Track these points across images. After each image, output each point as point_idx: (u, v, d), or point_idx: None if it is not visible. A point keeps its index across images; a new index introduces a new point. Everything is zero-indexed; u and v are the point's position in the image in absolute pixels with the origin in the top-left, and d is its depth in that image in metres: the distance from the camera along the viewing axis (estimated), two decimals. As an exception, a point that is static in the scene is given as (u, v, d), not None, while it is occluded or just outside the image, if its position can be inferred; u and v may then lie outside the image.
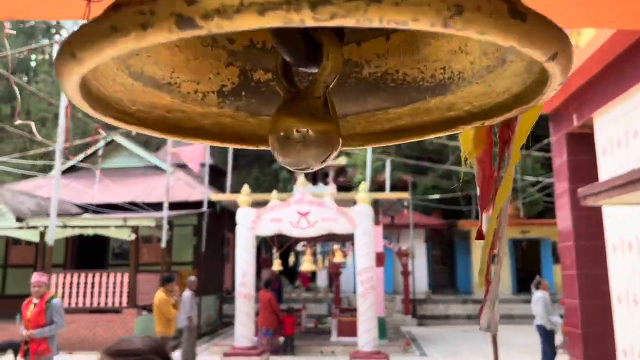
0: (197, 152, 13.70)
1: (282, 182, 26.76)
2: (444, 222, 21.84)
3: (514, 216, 21.50)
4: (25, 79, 36.54)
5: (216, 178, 22.52)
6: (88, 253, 17.71)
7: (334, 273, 17.52)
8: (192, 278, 10.16)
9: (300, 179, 11.26)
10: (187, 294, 9.68)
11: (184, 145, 14.59)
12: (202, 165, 17.93)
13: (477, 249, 20.94)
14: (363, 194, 10.88)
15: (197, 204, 16.77)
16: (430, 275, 21.92)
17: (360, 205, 10.77)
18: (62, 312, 6.00)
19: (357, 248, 10.62)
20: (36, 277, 5.99)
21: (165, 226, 13.02)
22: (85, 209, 16.81)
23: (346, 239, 13.16)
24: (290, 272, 22.43)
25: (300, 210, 10.88)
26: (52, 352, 5.84)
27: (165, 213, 13.05)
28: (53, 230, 8.48)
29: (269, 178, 29.50)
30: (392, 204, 13.30)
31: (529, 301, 18.73)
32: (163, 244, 13.07)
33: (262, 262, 16.80)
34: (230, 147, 1.44)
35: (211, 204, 15.43)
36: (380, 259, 12.19)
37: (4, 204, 12.90)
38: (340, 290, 17.88)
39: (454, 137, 18.00)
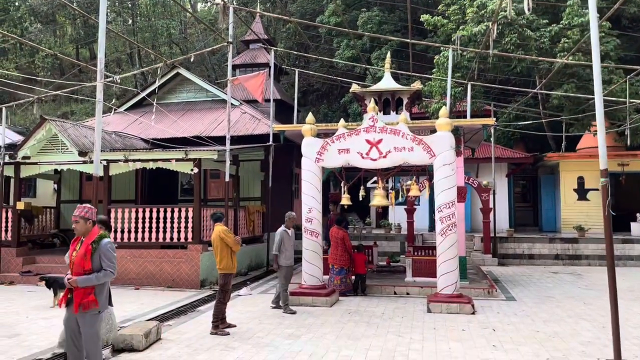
0: (261, 82, 12.68)
1: (351, 117, 25.51)
2: (528, 155, 19.87)
3: (613, 146, 19.20)
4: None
5: (284, 113, 21.63)
6: (158, 189, 17.61)
7: (408, 209, 16.43)
8: (292, 214, 9.65)
9: (371, 105, 10.00)
10: (280, 229, 9.37)
11: (248, 76, 13.61)
12: (268, 100, 17.00)
13: (565, 183, 18.99)
14: (444, 119, 9.50)
15: (263, 138, 16.01)
16: (512, 213, 20.28)
17: (441, 132, 9.43)
18: (113, 255, 4.92)
19: (437, 181, 9.39)
20: (77, 210, 4.97)
21: (228, 159, 12.31)
22: (152, 143, 16.51)
23: (422, 173, 11.93)
24: (361, 208, 21.57)
25: (371, 139, 9.72)
26: (99, 305, 4.82)
27: (227, 145, 12.31)
28: (98, 159, 7.88)
29: (337, 114, 28.32)
30: (474, 134, 11.79)
31: (627, 241, 16.91)
32: (227, 178, 12.42)
33: (330, 197, 15.92)
34: None
35: (277, 138, 14.50)
36: (462, 194, 10.91)
37: (67, 138, 12.65)
38: (413, 228, 16.84)
39: (542, 55, 15.77)
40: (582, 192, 18.95)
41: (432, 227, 19.68)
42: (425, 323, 8.25)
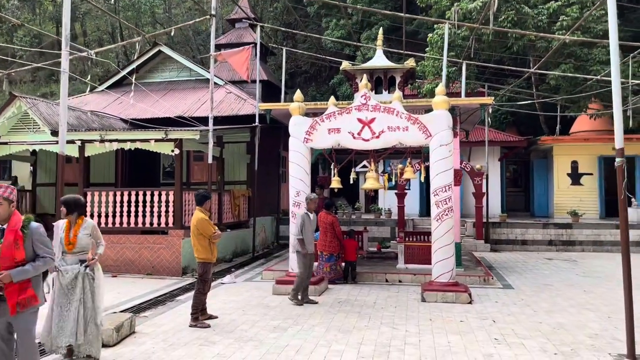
0: (247, 58, 11.96)
1: (341, 99, 24.82)
2: (522, 139, 19.41)
3: (608, 130, 18.79)
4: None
5: (271, 96, 20.85)
6: (140, 172, 16.88)
7: (399, 194, 15.89)
8: (313, 195, 9.00)
9: (363, 81, 9.36)
10: (301, 212, 8.74)
11: (232, 51, 12.85)
12: (254, 81, 16.28)
13: (559, 168, 18.58)
14: (441, 96, 8.91)
15: (249, 119, 15.32)
16: (504, 198, 19.88)
17: (438, 111, 8.84)
18: (47, 239, 4.27)
19: (433, 163, 8.82)
20: (-2, 190, 4.11)
21: (211, 140, 11.64)
22: (132, 124, 15.73)
23: (416, 155, 11.37)
24: (350, 193, 20.99)
25: (363, 118, 9.11)
26: (39, 299, 4.20)
27: (210, 125, 11.63)
28: (64, 135, 7.16)
29: (326, 97, 27.59)
30: (470, 114, 11.23)
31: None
32: (210, 160, 11.75)
33: (318, 180, 15.30)
34: None
35: (264, 119, 13.79)
36: (457, 177, 10.37)
37: (38, 116, 11.87)
38: (404, 213, 16.33)
39: (542, 31, 15.17)
40: (575, 177, 18.56)
41: (423, 212, 19.22)
42: (421, 314, 7.74)
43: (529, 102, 16.67)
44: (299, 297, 8.44)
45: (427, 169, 10.93)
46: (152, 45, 18.12)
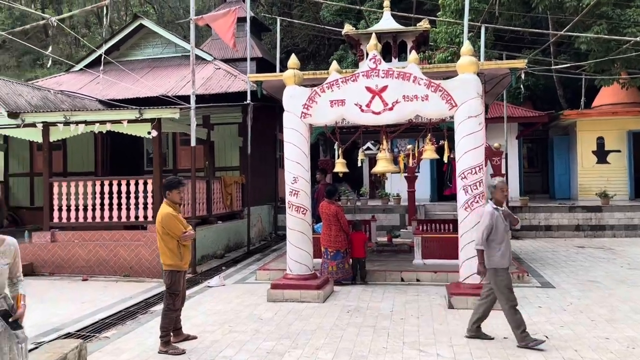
0: (232, 22, 10.28)
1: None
2: (542, 114, 17.68)
3: (634, 102, 17.12)
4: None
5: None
6: (121, 159, 15.30)
7: (409, 177, 14.27)
8: (497, 180, 5.69)
9: (372, 42, 7.68)
10: (488, 208, 5.58)
11: (215, 14, 11.15)
12: (245, 59, 14.58)
13: (583, 145, 16.92)
14: (467, 57, 7.26)
15: (241, 97, 13.66)
16: (521, 179, 18.26)
17: (465, 75, 7.20)
18: None
19: (460, 139, 7.20)
20: None
21: (194, 118, 10.00)
22: (110, 105, 14.07)
23: (435, 129, 9.73)
24: (353, 177, 19.33)
25: (373, 86, 7.47)
26: None
27: (192, 102, 9.99)
28: None
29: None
30: (497, 82, 9.59)
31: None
32: (192, 142, 10.14)
33: (319, 164, 13.65)
34: None
35: (256, 97, 12.11)
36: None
37: (-7, 96, 10.22)
38: (415, 199, 14.73)
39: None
40: (602, 155, 16.91)
41: (434, 197, 17.65)
42: (451, 327, 6.18)
43: (553, 71, 14.91)
44: (477, 329, 5.70)
45: (441, 148, 9.36)
46: (133, 18, 16.36)
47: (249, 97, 13.03)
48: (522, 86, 12.16)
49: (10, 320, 3.06)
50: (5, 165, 15.31)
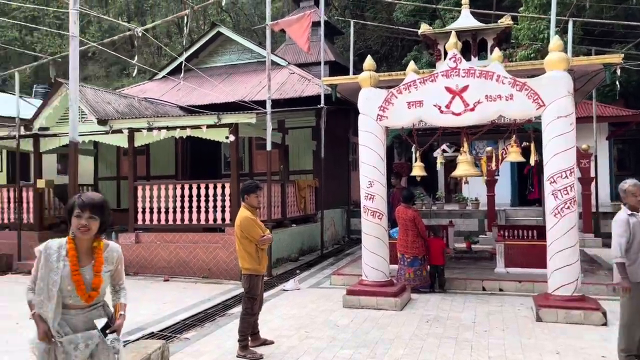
0: (307, 26, 10.32)
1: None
2: (637, 112, 16.41)
3: None
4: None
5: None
6: (201, 163, 15.80)
7: (489, 181, 13.72)
8: (626, 185, 4.88)
9: (452, 40, 7.39)
10: (622, 215, 4.72)
11: (290, 19, 11.23)
12: (319, 63, 14.63)
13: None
14: (557, 53, 6.79)
15: (314, 101, 13.68)
16: (612, 183, 17.03)
17: (554, 72, 6.74)
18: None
19: (549, 141, 6.75)
20: None
21: (269, 123, 10.10)
22: (189, 111, 14.56)
23: (519, 130, 9.20)
24: (427, 180, 18.83)
25: (453, 87, 7.16)
26: None
27: (268, 107, 10.09)
28: (76, 116, 5.81)
29: (399, 78, 25.49)
30: (588, 79, 8.94)
31: None
32: (268, 147, 10.24)
33: (393, 168, 13.37)
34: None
35: (330, 101, 12.07)
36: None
37: (85, 104, 10.83)
38: (494, 203, 14.12)
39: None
40: None
41: (515, 202, 16.87)
42: (539, 341, 5.77)
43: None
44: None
45: (525, 150, 8.87)
46: (211, 27, 16.88)
47: (322, 101, 13.01)
48: (617, 82, 11.22)
49: (108, 331, 2.95)
50: (95, 169, 16.25)
